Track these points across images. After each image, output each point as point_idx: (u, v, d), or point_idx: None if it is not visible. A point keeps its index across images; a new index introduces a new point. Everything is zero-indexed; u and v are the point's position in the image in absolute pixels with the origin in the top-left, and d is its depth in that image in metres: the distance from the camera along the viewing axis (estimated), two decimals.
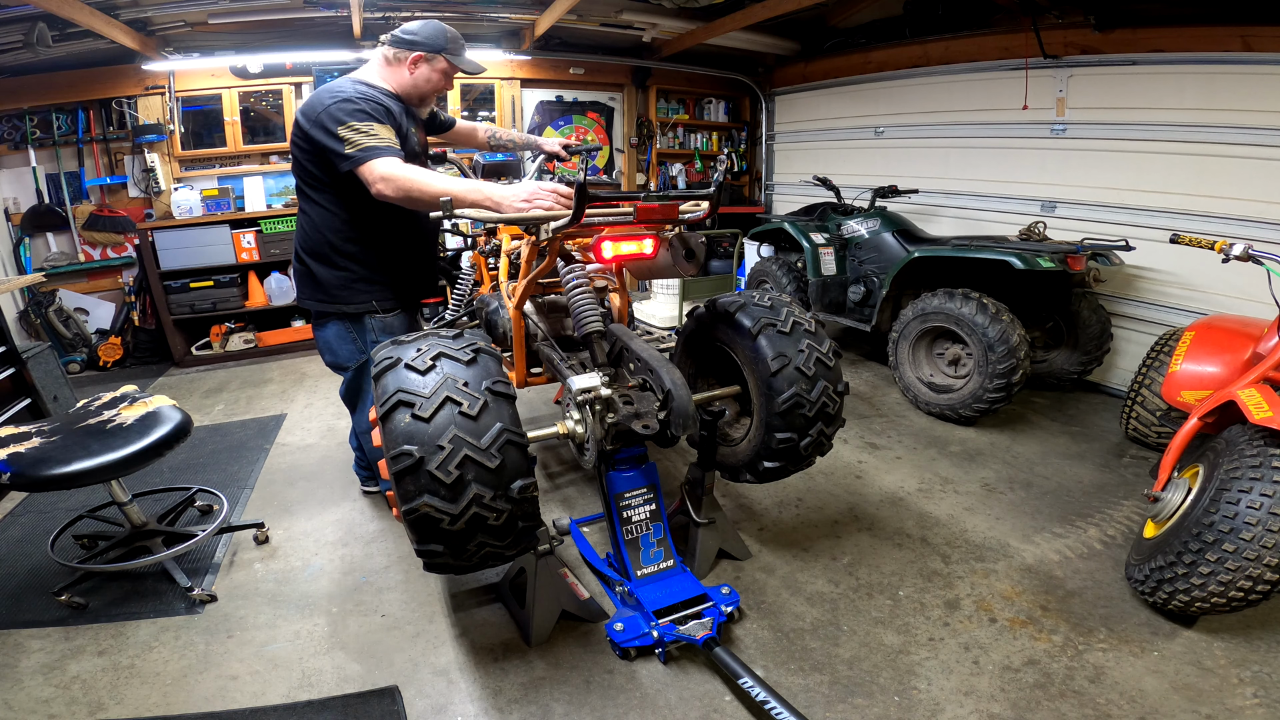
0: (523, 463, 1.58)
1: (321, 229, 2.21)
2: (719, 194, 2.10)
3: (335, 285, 2.27)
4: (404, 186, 1.92)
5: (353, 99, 2.04)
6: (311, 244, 2.26)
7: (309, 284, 2.32)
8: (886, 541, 2.50)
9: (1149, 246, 3.60)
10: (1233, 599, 1.79)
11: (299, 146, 2.13)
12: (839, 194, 4.91)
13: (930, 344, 3.70)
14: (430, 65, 2.24)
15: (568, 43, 5.82)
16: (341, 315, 2.32)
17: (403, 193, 1.92)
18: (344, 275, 2.26)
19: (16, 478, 1.91)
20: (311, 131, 2.03)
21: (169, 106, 4.90)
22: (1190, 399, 2.50)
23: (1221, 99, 3.37)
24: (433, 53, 2.22)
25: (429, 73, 2.25)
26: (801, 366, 2.00)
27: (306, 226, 2.26)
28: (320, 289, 2.29)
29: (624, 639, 1.88)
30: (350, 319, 2.33)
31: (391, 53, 2.22)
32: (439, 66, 2.26)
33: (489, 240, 3.15)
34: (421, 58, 2.22)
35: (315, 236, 2.24)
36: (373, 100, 2.09)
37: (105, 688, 1.83)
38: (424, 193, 1.90)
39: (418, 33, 2.21)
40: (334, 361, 2.42)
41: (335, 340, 2.37)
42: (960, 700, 1.76)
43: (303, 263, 2.31)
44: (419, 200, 1.93)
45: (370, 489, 2.88)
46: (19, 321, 4.78)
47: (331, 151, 1.99)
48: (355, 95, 2.06)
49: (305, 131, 2.05)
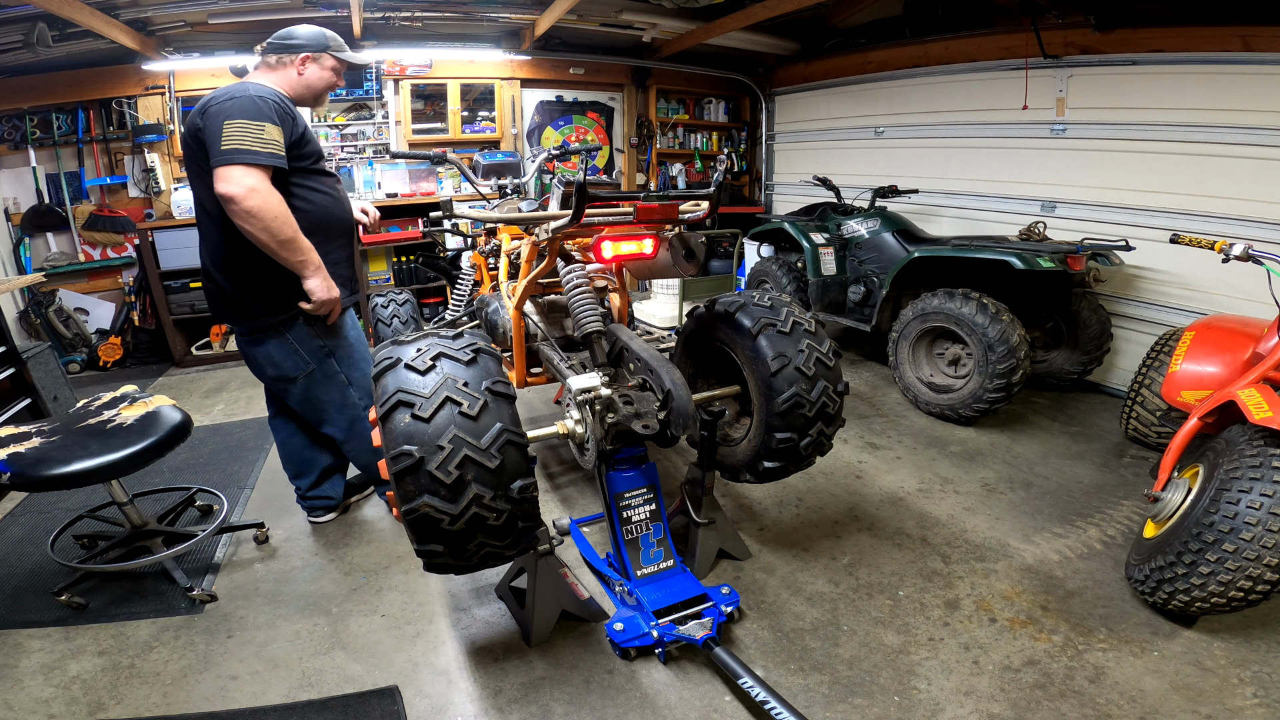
0: (523, 463, 1.58)
1: (228, 239, 2.06)
2: (719, 194, 2.10)
3: (260, 296, 2.15)
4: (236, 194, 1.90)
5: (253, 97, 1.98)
6: (219, 257, 2.13)
7: (226, 300, 2.18)
8: (886, 541, 2.50)
9: (1149, 246, 3.60)
10: (1233, 599, 1.79)
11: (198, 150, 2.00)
12: (839, 194, 4.91)
13: (930, 344, 3.70)
14: (318, 64, 2.24)
15: (568, 43, 5.82)
16: (277, 329, 2.21)
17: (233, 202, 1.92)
18: (265, 284, 2.13)
19: (16, 478, 1.91)
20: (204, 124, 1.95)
21: (169, 106, 4.90)
22: (1190, 399, 2.50)
23: (1221, 99, 3.37)
24: (318, 51, 2.23)
25: (319, 71, 2.24)
26: (801, 366, 2.00)
27: (211, 237, 2.12)
28: (242, 304, 2.17)
29: (624, 639, 1.88)
30: (288, 328, 2.22)
31: (274, 58, 2.20)
32: (327, 64, 2.26)
33: (489, 240, 3.15)
34: (309, 58, 2.21)
35: (220, 248, 2.11)
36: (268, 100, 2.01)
37: (105, 688, 1.83)
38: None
39: (296, 35, 2.21)
40: (279, 375, 2.29)
41: (279, 353, 2.24)
42: (960, 700, 1.76)
43: (216, 277, 2.16)
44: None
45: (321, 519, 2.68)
46: (19, 321, 4.78)
47: (209, 142, 1.93)
48: (248, 93, 1.99)
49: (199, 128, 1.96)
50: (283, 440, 2.58)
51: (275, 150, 1.97)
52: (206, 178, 1.97)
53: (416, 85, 5.52)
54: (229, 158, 1.89)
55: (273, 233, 1.96)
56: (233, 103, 1.94)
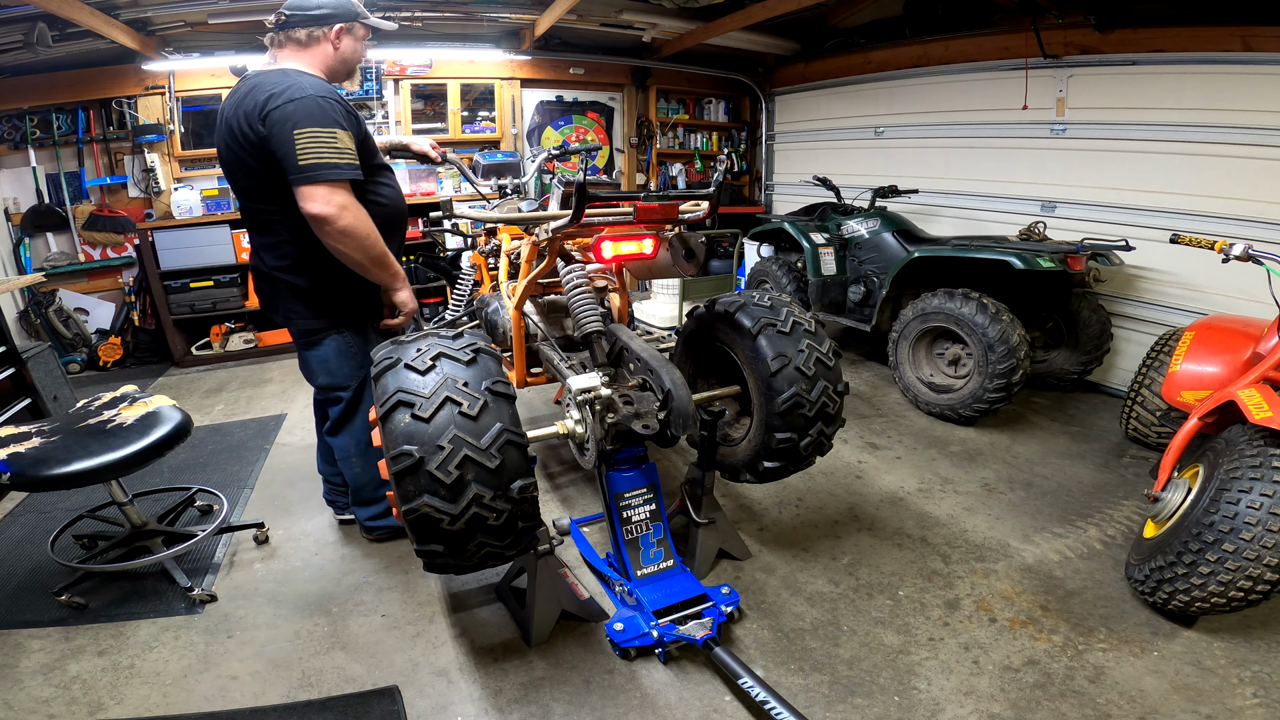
0: (523, 463, 1.58)
1: (311, 240, 1.95)
2: (719, 194, 2.10)
3: (332, 297, 2.08)
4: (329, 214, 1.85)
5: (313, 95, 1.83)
6: (296, 258, 2.03)
7: (297, 300, 2.08)
8: (886, 541, 2.50)
9: (1149, 246, 3.60)
10: (1233, 599, 1.79)
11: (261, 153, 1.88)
12: (839, 194, 4.91)
13: (930, 344, 3.70)
14: (352, 35, 2.02)
15: (568, 43, 5.82)
16: (340, 329, 2.14)
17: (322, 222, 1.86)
18: (338, 285, 2.06)
19: (16, 478, 1.91)
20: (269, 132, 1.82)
21: (169, 106, 4.90)
22: (1190, 399, 2.50)
23: (1221, 99, 3.37)
24: (351, 20, 2.00)
25: (353, 44, 2.03)
26: (801, 366, 2.00)
27: (290, 239, 2.01)
28: (314, 303, 2.08)
29: (624, 639, 1.88)
30: (354, 331, 2.15)
31: (304, 33, 1.94)
32: (360, 34, 2.05)
33: (489, 240, 3.15)
34: (344, 29, 1.98)
35: (302, 249, 2.01)
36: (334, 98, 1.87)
37: (105, 688, 1.83)
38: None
39: (323, 3, 1.95)
40: (330, 383, 2.20)
41: (335, 358, 2.15)
42: (960, 700, 1.76)
43: (286, 279, 2.06)
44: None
45: (346, 517, 2.62)
46: (19, 321, 4.78)
47: (282, 157, 1.82)
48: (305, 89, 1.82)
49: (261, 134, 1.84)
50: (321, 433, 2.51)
51: (353, 160, 1.86)
52: (274, 183, 1.88)
53: (416, 85, 5.52)
54: (312, 175, 1.78)
55: (365, 250, 1.91)
56: (297, 106, 1.78)
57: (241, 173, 1.97)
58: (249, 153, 1.89)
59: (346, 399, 2.23)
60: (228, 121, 1.91)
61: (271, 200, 1.96)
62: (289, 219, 1.95)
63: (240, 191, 2.06)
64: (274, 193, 1.93)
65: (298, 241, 2.01)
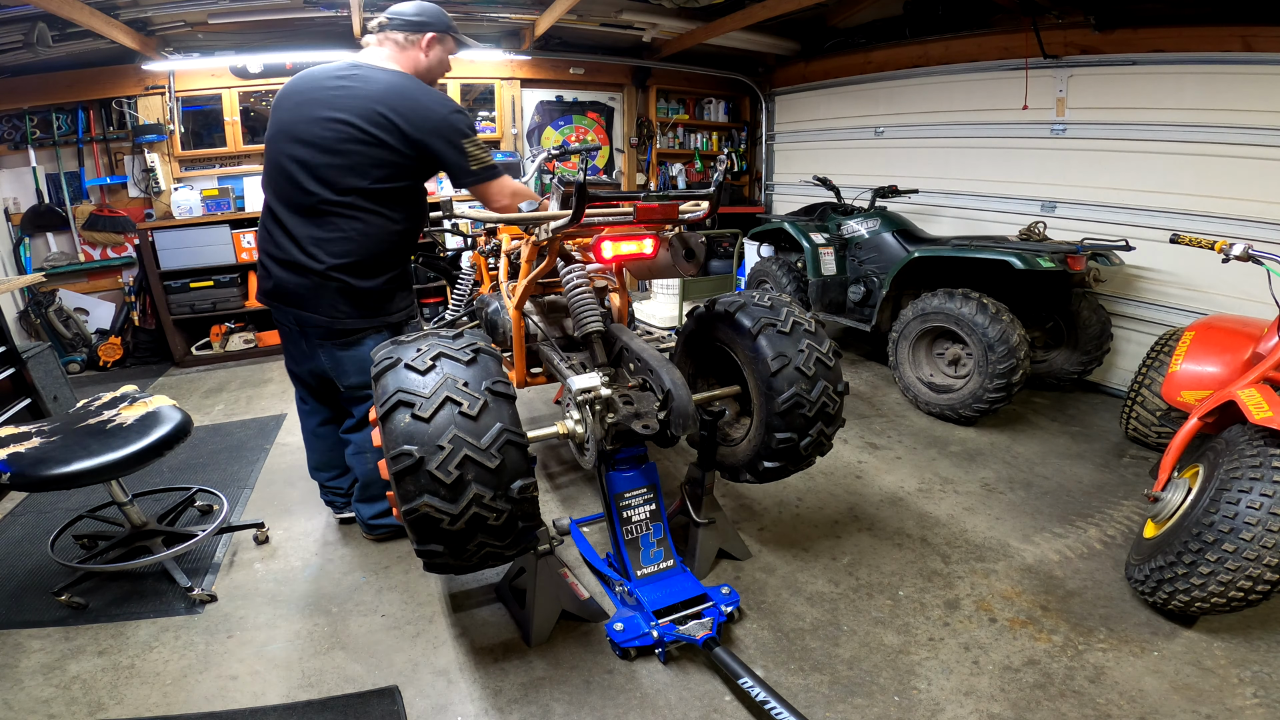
0: (523, 463, 1.58)
1: (375, 238, 2.04)
2: (719, 194, 2.10)
3: (382, 297, 2.14)
4: (516, 203, 2.06)
5: (460, 108, 2.05)
6: (359, 258, 2.05)
7: (350, 301, 2.08)
8: (886, 541, 2.50)
9: (1149, 246, 3.60)
10: (1233, 599, 1.79)
11: (392, 149, 1.97)
12: (839, 194, 4.91)
13: (930, 344, 3.70)
14: (442, 46, 2.16)
15: (568, 43, 5.82)
16: (382, 329, 2.16)
17: (513, 209, 2.05)
18: (389, 285, 2.15)
19: (16, 478, 1.91)
20: (428, 141, 1.96)
21: (169, 106, 4.90)
22: (1190, 399, 2.50)
23: (1221, 99, 3.37)
24: (443, 32, 2.15)
25: (441, 54, 2.17)
26: (801, 366, 2.00)
27: (354, 243, 2.03)
28: (363, 303, 2.11)
29: (624, 639, 1.88)
30: (391, 330, 2.18)
31: (401, 36, 2.10)
32: (449, 47, 2.19)
33: (489, 240, 3.15)
34: (435, 39, 2.13)
35: (365, 247, 2.04)
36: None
37: (105, 688, 1.83)
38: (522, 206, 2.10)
39: (422, 12, 2.12)
40: (363, 381, 2.20)
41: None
42: (960, 700, 1.76)
43: (339, 277, 2.04)
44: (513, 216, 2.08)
45: (346, 515, 2.62)
46: (19, 321, 4.78)
47: (452, 164, 2.01)
48: (452, 102, 2.05)
49: (411, 138, 1.95)
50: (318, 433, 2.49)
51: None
52: (396, 172, 2.00)
53: None
54: (489, 175, 2.07)
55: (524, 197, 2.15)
56: (457, 117, 2.02)
57: (339, 157, 1.97)
58: (365, 145, 1.95)
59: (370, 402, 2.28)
60: (333, 101, 1.96)
61: (356, 193, 2.00)
62: (366, 212, 2.02)
63: (318, 178, 1.99)
64: (376, 186, 2.00)
65: (361, 238, 2.04)
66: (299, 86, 2.07)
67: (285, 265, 2.09)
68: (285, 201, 2.06)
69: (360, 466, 2.39)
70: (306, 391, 2.46)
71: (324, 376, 2.30)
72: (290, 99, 2.07)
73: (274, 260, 2.12)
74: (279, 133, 2.05)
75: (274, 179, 2.09)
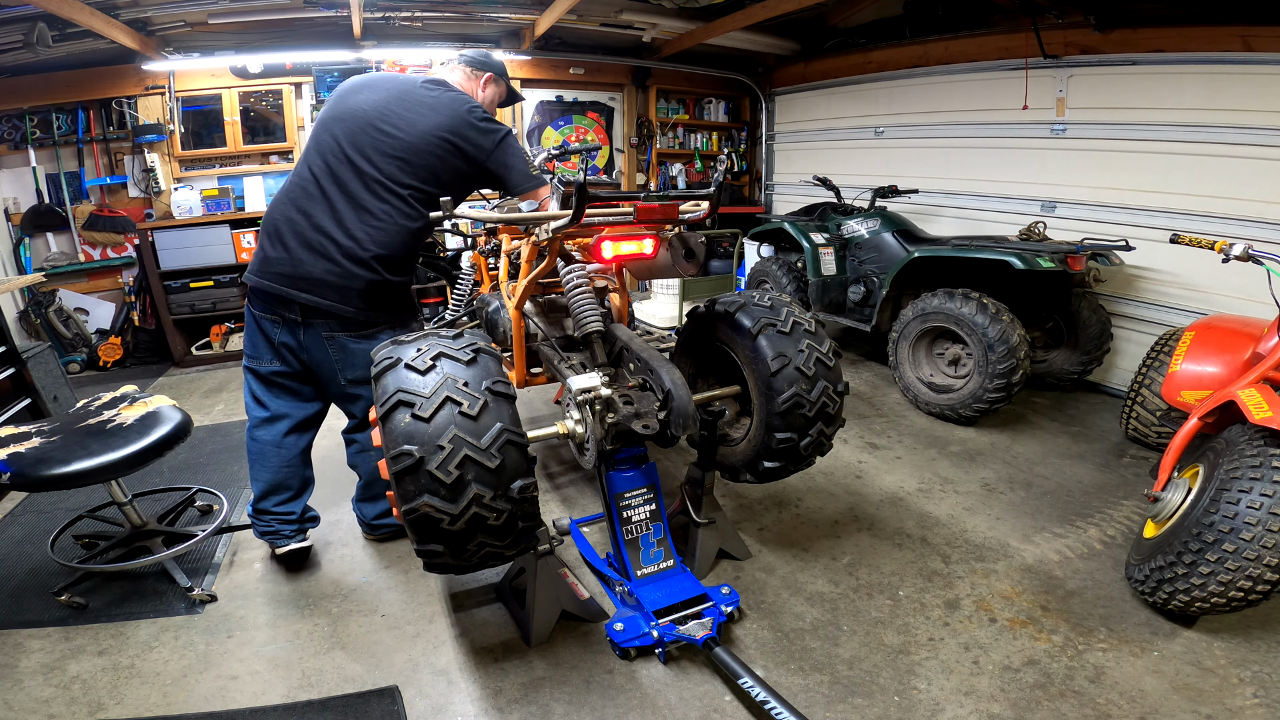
0: (523, 463, 1.58)
1: (406, 234, 2.13)
2: (719, 194, 2.10)
3: (405, 292, 2.30)
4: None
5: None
6: (394, 252, 2.12)
7: (377, 294, 2.12)
8: (886, 541, 2.50)
9: (1149, 246, 3.60)
10: (1233, 599, 1.79)
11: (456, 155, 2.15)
12: (839, 194, 4.91)
13: (930, 344, 3.70)
14: (496, 86, 2.46)
15: (568, 43, 5.82)
16: (396, 325, 2.22)
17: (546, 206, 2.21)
18: (409, 282, 2.34)
19: (16, 478, 1.91)
20: (494, 151, 2.19)
21: (169, 106, 4.90)
22: (1190, 399, 2.49)
23: (1221, 99, 3.37)
24: (500, 76, 2.46)
25: (494, 94, 2.46)
26: (801, 366, 2.00)
27: (395, 235, 2.10)
28: (392, 298, 2.19)
29: (624, 639, 1.88)
30: (403, 327, 2.23)
31: (469, 70, 2.40)
32: (500, 89, 2.49)
33: (489, 240, 3.15)
34: (491, 78, 2.42)
35: (402, 241, 2.12)
36: None
37: (105, 688, 1.83)
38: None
39: (487, 57, 2.46)
40: (365, 376, 2.17)
41: None
42: (960, 700, 1.76)
43: (376, 270, 2.08)
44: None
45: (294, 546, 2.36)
46: (19, 321, 4.78)
47: (511, 172, 2.22)
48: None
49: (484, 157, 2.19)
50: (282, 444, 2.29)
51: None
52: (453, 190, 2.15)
53: None
54: (539, 181, 2.28)
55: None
56: (513, 136, 2.26)
57: (417, 155, 2.12)
58: (454, 151, 2.15)
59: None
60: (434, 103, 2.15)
61: (412, 190, 2.12)
62: (409, 209, 2.12)
63: (390, 165, 2.08)
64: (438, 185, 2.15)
65: (399, 232, 2.12)
66: (382, 80, 2.22)
67: (313, 249, 2.04)
68: (338, 182, 2.07)
69: (366, 465, 2.39)
70: (276, 392, 2.26)
71: (309, 373, 2.22)
72: (375, 89, 2.18)
73: (301, 242, 2.05)
74: (352, 113, 2.12)
75: (332, 158, 2.08)
